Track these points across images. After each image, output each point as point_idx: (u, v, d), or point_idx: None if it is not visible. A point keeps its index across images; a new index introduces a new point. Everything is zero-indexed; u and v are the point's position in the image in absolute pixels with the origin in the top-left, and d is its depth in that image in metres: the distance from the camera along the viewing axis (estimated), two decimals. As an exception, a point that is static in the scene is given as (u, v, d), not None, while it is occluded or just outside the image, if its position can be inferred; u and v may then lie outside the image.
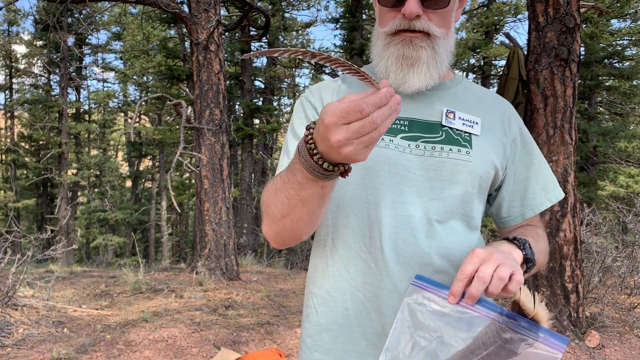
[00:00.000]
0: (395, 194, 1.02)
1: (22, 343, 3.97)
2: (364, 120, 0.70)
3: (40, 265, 9.05)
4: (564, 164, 4.35)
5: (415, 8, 0.97)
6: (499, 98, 1.16)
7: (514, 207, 1.12)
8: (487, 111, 1.10)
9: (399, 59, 1.02)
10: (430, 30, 1.00)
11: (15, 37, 22.20)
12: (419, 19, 0.99)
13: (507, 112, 1.13)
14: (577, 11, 4.35)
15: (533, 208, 1.12)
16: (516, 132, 1.11)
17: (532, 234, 1.05)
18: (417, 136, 1.04)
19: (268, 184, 1.00)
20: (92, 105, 24.03)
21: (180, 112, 7.11)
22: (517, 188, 1.12)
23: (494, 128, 1.09)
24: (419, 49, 1.01)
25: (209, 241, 6.73)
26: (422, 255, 1.00)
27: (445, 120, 1.05)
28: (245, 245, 13.84)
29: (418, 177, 1.02)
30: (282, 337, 4.41)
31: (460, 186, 1.02)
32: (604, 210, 10.64)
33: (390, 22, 1.02)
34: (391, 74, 1.03)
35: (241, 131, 14.79)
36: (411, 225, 1.01)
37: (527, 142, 1.13)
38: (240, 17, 9.96)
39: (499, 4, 15.80)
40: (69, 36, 18.85)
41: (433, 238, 1.01)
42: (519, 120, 1.14)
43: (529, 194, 1.11)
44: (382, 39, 1.04)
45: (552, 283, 4.42)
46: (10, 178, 22.11)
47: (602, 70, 12.72)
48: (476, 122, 1.06)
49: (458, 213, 1.03)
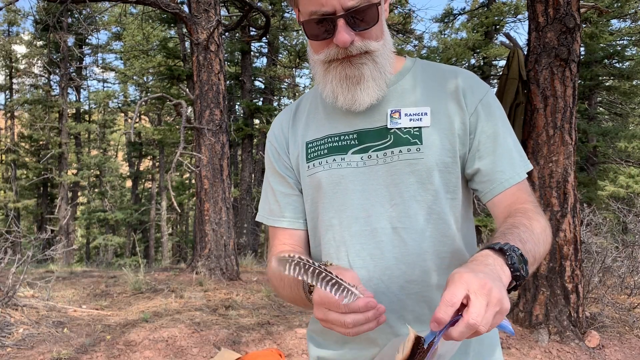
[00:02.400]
0: (358, 210, 1.02)
1: (22, 343, 3.97)
2: (339, 315, 0.79)
3: (40, 265, 9.05)
4: (564, 164, 4.35)
5: (347, 37, 0.93)
6: (454, 73, 1.08)
7: (483, 183, 1.04)
8: (437, 95, 1.05)
9: (342, 80, 1.00)
10: (367, 48, 0.97)
11: (15, 37, 22.20)
12: (353, 44, 0.95)
13: (462, 86, 1.05)
14: (577, 11, 4.35)
15: (503, 183, 1.02)
16: (476, 104, 1.04)
17: (524, 225, 0.93)
18: (367, 147, 1.03)
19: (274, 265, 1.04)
20: (92, 105, 24.03)
21: (180, 112, 7.12)
22: (483, 162, 1.03)
23: (448, 110, 1.03)
24: (359, 66, 0.99)
25: (209, 241, 6.73)
26: (391, 267, 0.99)
27: (391, 122, 1.03)
28: (245, 245, 13.84)
29: (376, 187, 1.02)
30: (282, 337, 4.41)
31: (417, 185, 1.00)
32: (604, 210, 10.64)
33: (324, 50, 0.99)
34: (339, 95, 1.01)
35: (241, 131, 14.80)
36: (377, 239, 1.01)
37: (491, 112, 1.05)
38: (240, 17, 9.96)
39: (499, 4, 15.80)
40: (69, 36, 18.85)
41: (400, 246, 1.00)
42: (479, 91, 1.06)
43: (497, 167, 1.02)
44: (320, 65, 1.02)
45: (552, 283, 4.42)
46: (10, 178, 22.11)
47: (602, 70, 12.72)
48: (424, 113, 1.03)
49: (424, 212, 1.01)
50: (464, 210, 1.07)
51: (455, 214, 1.04)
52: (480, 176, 1.04)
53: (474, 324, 0.70)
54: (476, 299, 0.71)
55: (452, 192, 1.03)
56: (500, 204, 1.03)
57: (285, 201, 1.15)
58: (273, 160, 1.17)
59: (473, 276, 0.74)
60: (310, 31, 0.98)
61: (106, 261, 16.37)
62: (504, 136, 1.04)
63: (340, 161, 1.04)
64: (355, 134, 1.05)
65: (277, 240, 1.16)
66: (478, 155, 1.04)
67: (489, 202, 1.05)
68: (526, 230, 0.92)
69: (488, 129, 1.04)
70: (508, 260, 0.82)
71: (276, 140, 1.17)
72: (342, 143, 1.05)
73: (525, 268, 0.83)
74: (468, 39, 15.82)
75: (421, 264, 1.00)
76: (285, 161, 1.15)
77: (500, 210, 1.03)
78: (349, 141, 1.05)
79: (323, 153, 1.07)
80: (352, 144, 1.05)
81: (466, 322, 0.70)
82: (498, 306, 0.73)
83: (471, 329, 0.71)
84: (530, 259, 0.87)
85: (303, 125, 1.13)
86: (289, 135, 1.15)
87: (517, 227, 0.92)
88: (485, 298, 0.71)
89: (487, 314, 0.71)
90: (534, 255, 0.89)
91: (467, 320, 0.70)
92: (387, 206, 1.01)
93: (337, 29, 0.93)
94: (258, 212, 1.22)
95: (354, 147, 1.04)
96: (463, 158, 1.04)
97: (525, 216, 0.97)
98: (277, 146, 1.16)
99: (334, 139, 1.07)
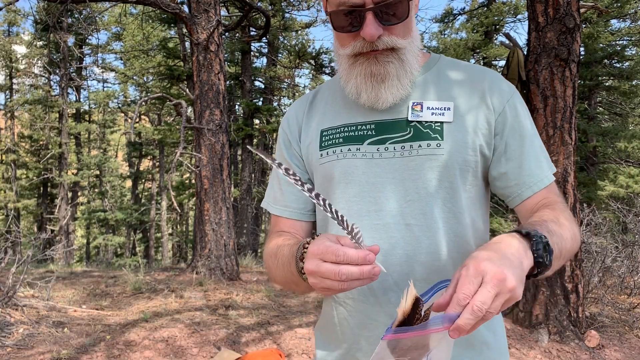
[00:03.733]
0: (370, 203, 0.99)
1: (22, 343, 3.97)
2: (333, 266, 0.75)
3: (40, 265, 9.04)
4: (564, 164, 4.36)
5: (374, 31, 0.91)
6: (481, 72, 1.05)
7: (510, 187, 1.01)
8: (463, 91, 1.02)
9: (367, 77, 0.98)
10: (394, 45, 0.95)
11: (15, 37, 22.20)
12: (380, 39, 0.93)
13: (490, 86, 1.02)
14: (577, 11, 4.35)
15: (532, 186, 1.00)
16: (503, 104, 1.01)
17: (552, 220, 0.91)
18: (384, 138, 1.00)
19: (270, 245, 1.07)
20: (92, 105, 24.04)
21: (180, 112, 7.12)
22: (510, 165, 1.00)
23: (473, 108, 1.00)
24: (385, 64, 0.96)
25: (209, 241, 6.73)
26: (402, 264, 0.97)
27: (412, 114, 1.00)
28: (245, 245, 13.84)
29: (391, 181, 0.98)
30: (282, 337, 4.41)
31: (436, 182, 0.97)
32: (604, 210, 10.64)
33: (350, 44, 0.96)
34: (362, 92, 1.00)
35: (241, 131, 14.79)
36: (389, 234, 0.98)
37: (518, 114, 1.02)
38: (240, 17, 9.96)
39: (499, 4, 15.80)
40: (69, 36, 18.85)
41: (412, 243, 0.97)
42: (507, 91, 1.03)
43: (525, 171, 1.00)
44: (345, 59, 1.00)
45: (552, 283, 4.42)
46: (10, 178, 22.11)
47: (602, 70, 12.72)
48: (447, 108, 0.99)
49: (439, 211, 0.98)
50: (482, 210, 1.05)
51: (472, 215, 1.01)
52: (506, 180, 1.01)
53: (477, 310, 0.68)
54: (484, 288, 0.70)
55: (470, 192, 1.01)
56: (529, 207, 1.01)
57: (289, 190, 1.13)
58: (283, 148, 1.15)
59: (490, 265, 0.72)
60: (337, 22, 0.95)
61: (106, 261, 16.37)
62: (531, 138, 1.02)
63: (355, 151, 1.01)
64: (373, 124, 1.02)
65: (277, 227, 1.15)
66: (505, 157, 1.00)
67: (518, 206, 1.03)
68: (554, 224, 0.90)
69: (515, 131, 1.01)
70: (533, 245, 0.80)
71: (289, 128, 1.15)
72: (358, 133, 1.02)
73: (549, 257, 0.81)
74: (468, 39, 15.82)
75: (433, 263, 0.97)
76: (296, 150, 1.13)
77: (529, 215, 1.00)
78: (366, 131, 1.02)
79: (338, 142, 1.04)
80: (369, 135, 1.01)
81: (470, 309, 0.69)
82: (509, 294, 0.71)
83: (475, 316, 0.69)
84: (556, 251, 0.85)
85: (320, 113, 1.11)
86: (303, 124, 1.13)
87: (545, 219, 0.90)
88: (496, 288, 0.70)
89: (494, 303, 0.70)
90: (560, 249, 0.87)
91: (471, 307, 0.69)
92: (402, 201, 0.98)
93: (365, 21, 0.91)
94: (264, 197, 1.20)
95: (371, 137, 1.01)
96: (485, 158, 1.01)
97: (554, 212, 0.95)
98: (289, 134, 1.14)
99: (350, 128, 1.04)
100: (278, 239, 1.07)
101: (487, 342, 1.03)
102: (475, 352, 1.01)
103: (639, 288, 5.80)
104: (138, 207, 21.16)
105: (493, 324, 1.05)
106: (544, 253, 0.80)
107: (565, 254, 0.91)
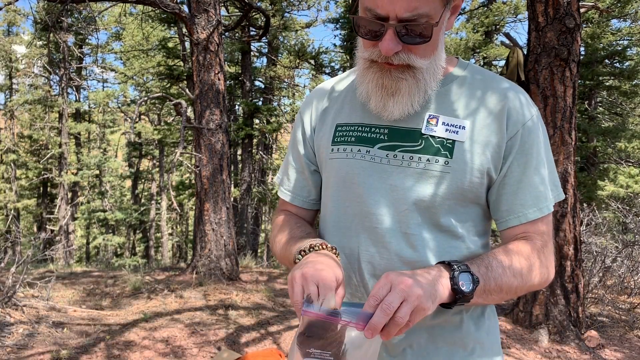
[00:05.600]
0: (370, 205, 1.01)
1: (21, 343, 3.96)
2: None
3: (40, 265, 9.04)
4: (564, 164, 4.36)
5: (392, 47, 0.91)
6: (505, 90, 1.03)
7: (500, 211, 1.02)
8: (480, 110, 1.01)
9: (378, 88, 0.99)
10: (411, 63, 0.94)
11: (15, 37, 22.19)
12: (397, 55, 0.93)
13: (509, 106, 1.00)
14: (577, 11, 4.35)
15: (519, 217, 1.00)
16: (517, 128, 0.99)
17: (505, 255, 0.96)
18: (395, 145, 1.01)
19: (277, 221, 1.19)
20: (92, 105, 24.03)
21: (180, 112, 7.11)
22: (506, 191, 1.01)
23: (488, 129, 0.99)
24: (398, 80, 0.96)
25: (209, 241, 6.73)
26: (395, 269, 0.98)
27: (426, 127, 1.00)
28: (245, 245, 13.84)
29: (393, 188, 1.00)
30: (282, 337, 4.41)
31: (437, 198, 0.98)
32: (604, 210, 10.64)
33: (369, 49, 0.97)
34: (372, 99, 1.01)
35: (241, 131, 14.79)
36: (385, 239, 1.00)
37: (529, 139, 1.00)
38: (240, 17, 9.96)
39: (499, 4, 15.79)
40: (69, 36, 18.84)
41: (407, 250, 0.99)
42: (526, 115, 1.01)
43: (518, 199, 1.00)
44: (362, 61, 1.01)
45: (552, 283, 4.42)
46: (10, 178, 22.11)
47: (603, 70, 12.71)
48: (462, 127, 0.99)
49: (435, 225, 1.00)
50: (480, 228, 1.06)
51: (468, 228, 1.03)
52: (498, 203, 1.03)
53: (386, 309, 0.78)
54: (394, 291, 0.80)
55: (471, 208, 1.02)
56: (510, 235, 1.04)
57: (294, 177, 1.19)
58: (299, 135, 1.19)
59: (397, 276, 0.82)
60: (359, 26, 0.95)
61: (106, 261, 16.36)
62: (536, 167, 1.01)
63: (365, 153, 1.03)
64: (386, 129, 1.03)
65: (284, 207, 1.23)
66: (504, 182, 1.01)
67: (502, 231, 1.05)
68: (505, 260, 0.96)
69: (521, 158, 1.00)
70: (451, 273, 0.88)
71: (308, 117, 1.18)
72: (371, 135, 1.04)
73: (471, 287, 0.88)
74: (468, 39, 15.81)
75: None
76: (309, 142, 1.17)
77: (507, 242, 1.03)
78: (379, 135, 1.03)
79: (350, 140, 1.06)
80: (380, 139, 1.03)
81: (381, 307, 0.78)
82: (416, 302, 0.80)
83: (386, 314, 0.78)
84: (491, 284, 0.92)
85: (338, 106, 1.13)
86: (320, 115, 1.16)
87: (495, 254, 0.97)
88: (403, 294, 0.79)
89: (403, 308, 0.79)
90: (498, 283, 0.93)
91: (381, 306, 0.78)
92: (401, 209, 0.99)
93: (384, 35, 0.91)
94: (279, 170, 1.26)
95: (383, 142, 1.03)
96: (491, 179, 1.01)
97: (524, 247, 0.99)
98: (306, 123, 1.18)
99: (364, 129, 1.06)
100: (285, 216, 1.19)
101: (481, 342, 1.05)
102: (468, 352, 1.03)
103: (639, 288, 5.80)
104: (138, 207, 21.15)
105: (486, 325, 1.07)
106: (464, 282, 0.88)
107: (507, 289, 0.95)
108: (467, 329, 1.03)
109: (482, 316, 1.07)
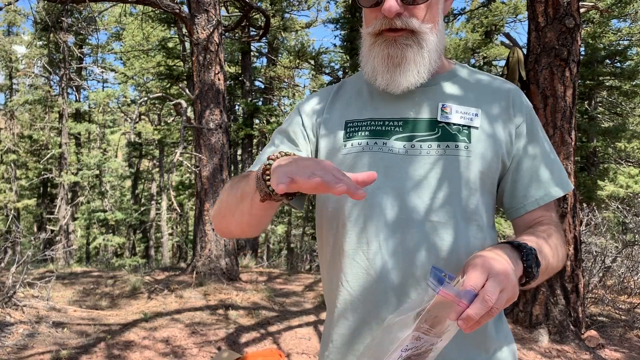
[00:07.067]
0: (393, 198, 0.99)
1: (21, 343, 3.96)
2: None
3: (40, 265, 9.04)
4: (564, 164, 4.35)
5: (393, 5, 0.93)
6: (504, 83, 1.09)
7: (516, 198, 1.04)
8: (488, 100, 1.04)
9: (384, 59, 0.99)
10: (413, 26, 0.97)
11: (15, 37, 22.20)
12: (399, 17, 0.96)
13: (512, 98, 1.05)
14: (577, 11, 4.35)
15: (538, 200, 1.02)
16: (522, 118, 1.04)
17: (543, 238, 0.96)
18: (412, 136, 1.01)
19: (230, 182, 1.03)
20: (92, 105, 24.02)
21: (180, 112, 7.12)
22: (519, 178, 1.03)
23: (497, 117, 1.03)
24: (403, 47, 0.98)
25: (209, 241, 6.73)
26: (422, 259, 0.96)
27: (441, 115, 1.01)
28: (245, 245, 13.84)
29: (416, 178, 0.98)
30: (282, 337, 4.41)
31: (461, 184, 0.98)
32: (604, 210, 10.64)
33: (372, 22, 0.99)
34: (378, 75, 1.01)
35: (241, 131, 14.79)
36: (411, 229, 0.97)
37: (535, 126, 1.05)
38: (240, 17, 9.95)
39: (498, 4, 15.79)
40: (69, 36, 18.84)
41: (434, 240, 0.97)
42: (527, 105, 1.07)
43: (533, 186, 1.03)
44: (367, 40, 1.02)
45: (552, 283, 4.42)
46: (10, 178, 22.11)
47: (603, 70, 12.70)
48: (475, 114, 1.01)
49: (461, 212, 0.98)
50: (492, 217, 1.07)
51: (487, 218, 1.03)
52: (514, 189, 1.04)
53: (488, 300, 0.71)
54: (494, 281, 0.74)
55: (487, 197, 1.03)
56: (527, 221, 1.04)
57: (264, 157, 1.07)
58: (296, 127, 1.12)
59: (496, 262, 0.77)
60: None
61: (106, 261, 16.36)
62: (547, 152, 1.05)
63: (382, 145, 1.02)
64: (400, 121, 1.03)
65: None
66: (519, 167, 1.03)
67: (517, 218, 1.05)
68: (544, 242, 0.94)
69: (532, 146, 1.04)
70: (524, 256, 0.85)
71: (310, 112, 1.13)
72: (385, 128, 1.03)
73: (537, 269, 0.85)
74: (468, 39, 15.82)
75: (452, 260, 0.97)
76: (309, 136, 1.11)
77: (525, 229, 1.03)
78: (394, 127, 1.03)
79: (364, 135, 1.04)
80: (396, 131, 1.02)
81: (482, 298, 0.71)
82: (512, 291, 0.75)
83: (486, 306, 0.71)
84: (543, 265, 0.89)
85: (344, 104, 1.11)
86: (326, 111, 1.12)
87: (535, 235, 0.95)
88: (502, 284, 0.74)
89: (500, 299, 0.73)
90: (545, 264, 0.92)
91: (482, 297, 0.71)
92: (425, 198, 0.98)
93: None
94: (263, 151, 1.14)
95: (398, 133, 1.02)
96: (504, 166, 1.03)
97: (547, 231, 0.99)
98: (306, 119, 1.12)
99: (377, 123, 1.04)
100: None
101: (500, 346, 1.03)
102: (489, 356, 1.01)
103: (639, 288, 5.80)
104: (138, 207, 21.15)
105: (504, 329, 1.05)
106: (533, 264, 0.85)
107: (549, 269, 0.95)
108: (489, 332, 1.00)
109: (500, 319, 1.04)
